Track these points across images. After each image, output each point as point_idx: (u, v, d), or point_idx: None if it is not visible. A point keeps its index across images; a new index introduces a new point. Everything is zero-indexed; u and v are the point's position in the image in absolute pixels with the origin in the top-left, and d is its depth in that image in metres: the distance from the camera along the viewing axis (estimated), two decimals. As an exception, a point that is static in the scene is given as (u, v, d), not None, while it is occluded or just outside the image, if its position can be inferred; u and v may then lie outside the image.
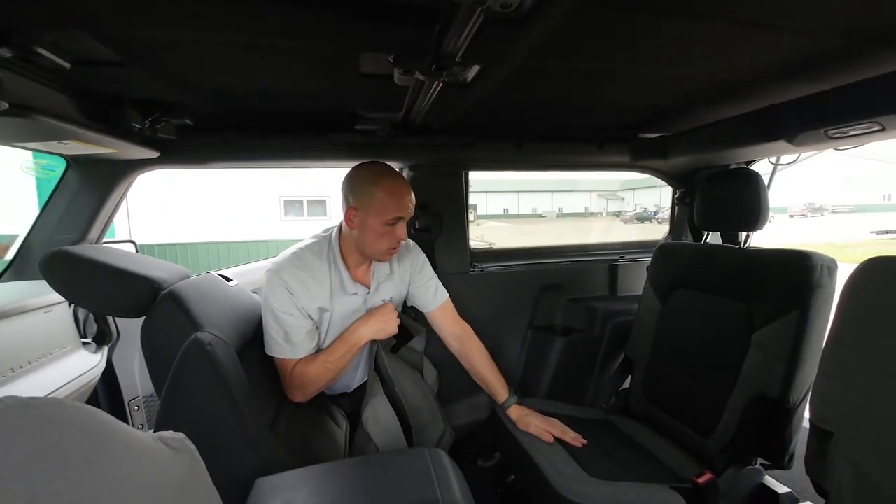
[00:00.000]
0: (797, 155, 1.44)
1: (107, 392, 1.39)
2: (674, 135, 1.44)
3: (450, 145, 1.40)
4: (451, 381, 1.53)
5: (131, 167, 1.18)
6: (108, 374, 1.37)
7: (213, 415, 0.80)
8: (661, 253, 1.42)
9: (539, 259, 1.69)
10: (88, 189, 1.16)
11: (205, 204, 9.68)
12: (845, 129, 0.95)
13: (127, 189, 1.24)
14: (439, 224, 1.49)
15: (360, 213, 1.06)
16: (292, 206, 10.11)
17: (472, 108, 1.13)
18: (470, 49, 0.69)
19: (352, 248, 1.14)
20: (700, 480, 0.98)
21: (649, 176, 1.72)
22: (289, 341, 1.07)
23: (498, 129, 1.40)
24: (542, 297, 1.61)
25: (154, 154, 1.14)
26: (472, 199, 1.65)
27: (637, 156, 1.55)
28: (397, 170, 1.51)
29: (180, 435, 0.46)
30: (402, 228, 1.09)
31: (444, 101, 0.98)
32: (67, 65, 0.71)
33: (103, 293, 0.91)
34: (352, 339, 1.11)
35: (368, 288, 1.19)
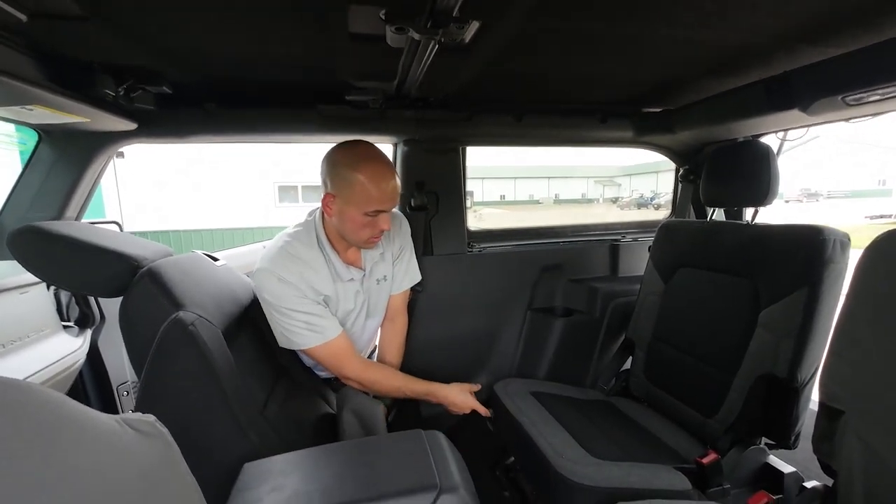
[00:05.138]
0: (805, 131, 1.39)
1: (94, 377, 1.34)
2: (679, 108, 1.38)
3: (446, 119, 1.34)
4: (448, 365, 1.50)
5: (108, 140, 1.11)
6: (95, 360, 1.33)
7: (198, 399, 0.76)
8: (664, 231, 1.38)
9: (538, 239, 1.64)
10: (63, 164, 1.09)
11: (198, 191, 9.55)
12: (864, 95, 0.90)
13: (105, 164, 1.17)
14: (435, 203, 1.43)
15: (338, 200, 1.00)
16: (287, 192, 9.97)
17: (470, 80, 1.07)
18: (468, 2, 0.63)
19: (336, 234, 1.08)
20: (704, 461, 0.96)
21: (646, 162, 1.67)
22: (313, 330, 1.03)
23: (497, 104, 1.34)
24: (542, 278, 1.56)
25: (131, 126, 1.07)
26: (469, 185, 1.60)
27: (641, 131, 1.49)
28: (390, 147, 1.46)
29: (150, 417, 0.42)
30: (385, 219, 1.02)
31: (441, 68, 0.91)
32: (24, 17, 0.64)
33: (76, 271, 0.85)
34: (438, 393, 1.14)
35: (363, 270, 1.15)
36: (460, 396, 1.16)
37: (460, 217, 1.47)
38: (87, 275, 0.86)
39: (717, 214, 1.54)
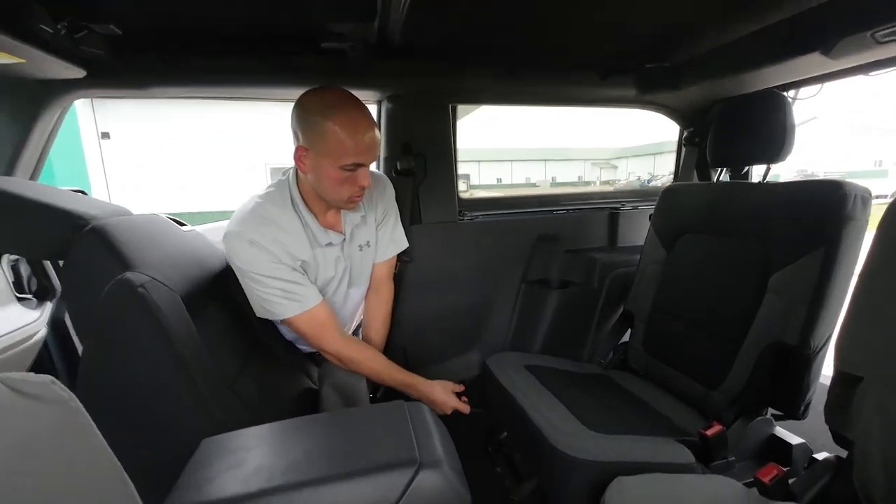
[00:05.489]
0: (820, 87, 1.30)
1: (60, 350, 1.26)
2: (687, 62, 1.28)
3: (434, 72, 1.23)
4: (437, 339, 1.43)
5: (55, 90, 1.00)
6: (61, 332, 1.25)
7: (151, 370, 0.68)
8: (667, 196, 1.30)
9: (534, 208, 1.55)
10: (6, 117, 0.98)
11: (188, 173, 9.34)
12: None
13: (57, 120, 1.06)
14: (423, 167, 1.33)
15: (311, 154, 0.90)
16: (278, 174, 9.77)
17: (460, 26, 0.96)
18: None
19: (312, 194, 0.98)
20: (708, 433, 0.90)
21: (644, 144, 1.57)
22: (291, 298, 0.94)
23: (488, 57, 1.23)
24: (538, 249, 1.48)
25: (80, 73, 0.96)
26: (465, 168, 1.50)
27: (644, 87, 1.39)
28: (374, 106, 1.34)
29: (44, 378, 0.33)
30: (364, 174, 0.92)
31: (425, 5, 0.81)
32: None
33: (17, 230, 0.76)
34: (419, 388, 1.07)
35: (343, 235, 1.06)
36: (443, 396, 1.09)
37: (450, 183, 1.38)
38: (29, 234, 0.76)
39: (723, 179, 1.45)
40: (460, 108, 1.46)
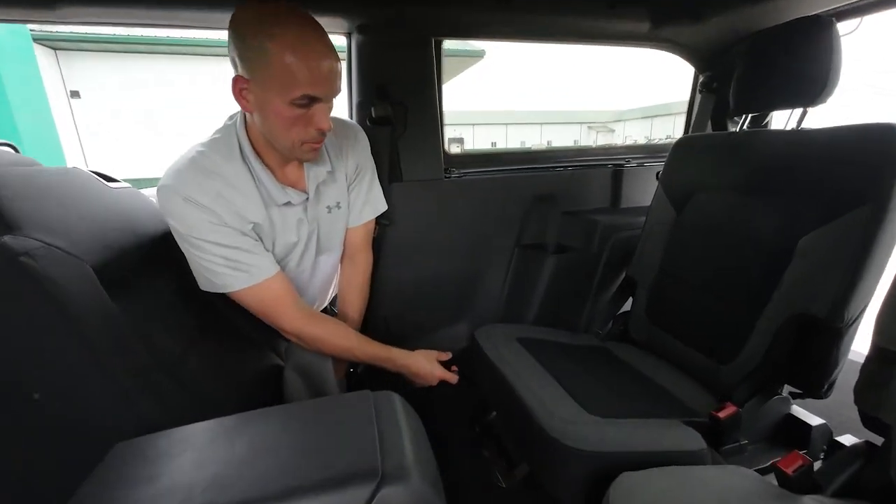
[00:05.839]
0: (859, 21, 1.12)
1: None
2: None
3: None
4: (421, 312, 1.31)
5: None
6: None
7: (43, 359, 0.55)
8: (679, 149, 1.14)
9: (529, 164, 1.39)
10: None
11: (172, 138, 8.89)
12: None
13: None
14: (403, 116, 1.16)
15: (253, 86, 0.71)
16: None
17: None
18: None
19: (264, 141, 0.81)
20: (721, 415, 0.80)
21: (642, 107, 1.39)
22: (236, 268, 0.79)
23: None
24: (533, 210, 1.34)
25: None
26: (458, 131, 1.31)
27: (658, 19, 1.19)
28: (342, 32, 1.14)
29: None
30: (322, 112, 0.75)
31: None
32: None
33: None
34: (398, 361, 0.96)
35: (305, 193, 0.90)
36: (426, 366, 0.97)
37: (435, 135, 1.20)
38: None
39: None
40: (450, 63, 1.25)
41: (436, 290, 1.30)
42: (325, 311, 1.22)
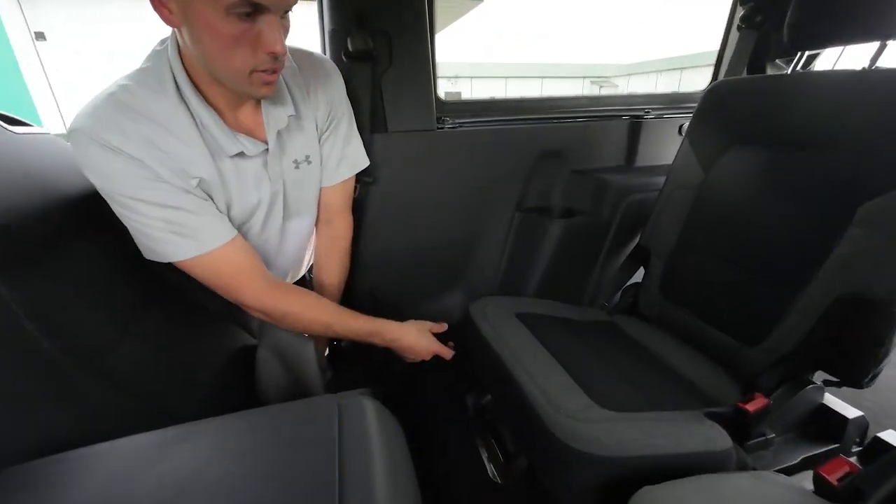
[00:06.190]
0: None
1: None
2: None
3: None
4: (415, 281, 1.19)
5: None
6: None
7: None
8: (714, 95, 0.97)
9: (534, 115, 1.21)
10: None
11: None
12: None
13: None
14: (387, 49, 0.96)
15: None
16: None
17: None
18: None
19: (205, 75, 0.63)
20: (751, 407, 0.70)
21: (648, 60, 1.17)
22: (180, 233, 0.65)
23: None
24: (537, 168, 1.18)
25: None
26: (457, 85, 1.09)
27: None
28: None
29: None
30: (272, 27, 0.56)
31: None
32: None
33: None
34: (386, 334, 0.84)
35: (264, 143, 0.73)
36: (419, 339, 0.85)
37: (426, 75, 1.01)
38: None
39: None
40: (447, 5, 1.03)
41: (427, 259, 1.16)
42: (301, 283, 1.09)
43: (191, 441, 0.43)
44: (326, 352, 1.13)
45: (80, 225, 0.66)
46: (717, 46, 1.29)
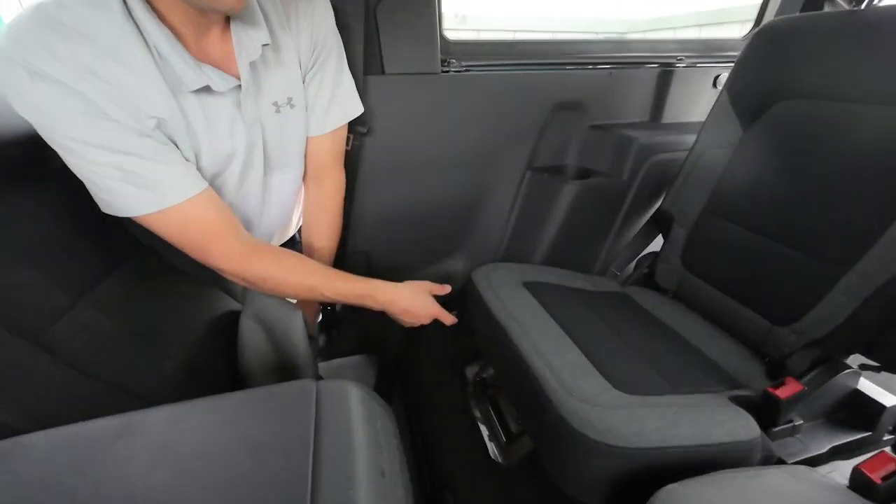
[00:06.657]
0: None
1: None
2: None
3: None
4: (415, 244, 1.10)
5: None
6: None
7: None
8: (763, 38, 0.84)
9: (551, 60, 1.07)
10: None
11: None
12: None
13: None
14: (385, -25, 0.82)
15: None
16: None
17: None
18: None
19: None
20: (782, 394, 0.63)
21: (667, 16, 0.97)
22: (139, 183, 0.55)
23: None
24: (553, 122, 1.05)
25: None
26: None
27: None
28: None
29: None
30: None
31: None
32: None
33: None
34: (380, 296, 0.74)
35: (237, 80, 0.62)
36: (417, 300, 0.77)
37: (429, 9, 0.87)
38: None
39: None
40: None
41: (425, 220, 1.07)
42: (290, 245, 1.00)
43: (143, 434, 0.36)
44: (320, 317, 1.07)
45: (17, 175, 0.56)
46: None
